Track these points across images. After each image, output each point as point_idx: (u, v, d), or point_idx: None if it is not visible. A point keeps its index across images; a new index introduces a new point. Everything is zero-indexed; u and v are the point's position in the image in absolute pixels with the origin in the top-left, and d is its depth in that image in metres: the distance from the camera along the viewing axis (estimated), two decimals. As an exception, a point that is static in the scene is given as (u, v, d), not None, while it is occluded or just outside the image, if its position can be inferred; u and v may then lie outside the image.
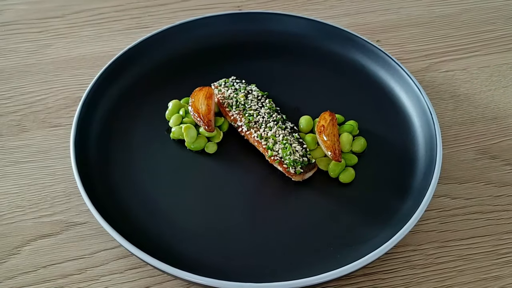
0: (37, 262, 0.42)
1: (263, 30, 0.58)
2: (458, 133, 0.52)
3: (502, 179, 0.49)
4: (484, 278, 0.42)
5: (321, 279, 0.38)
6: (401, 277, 0.42)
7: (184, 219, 0.43)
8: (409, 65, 0.59)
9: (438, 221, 0.45)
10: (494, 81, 0.58)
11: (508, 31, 0.64)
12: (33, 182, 0.47)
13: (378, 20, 0.65)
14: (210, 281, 0.38)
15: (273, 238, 0.42)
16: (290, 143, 0.46)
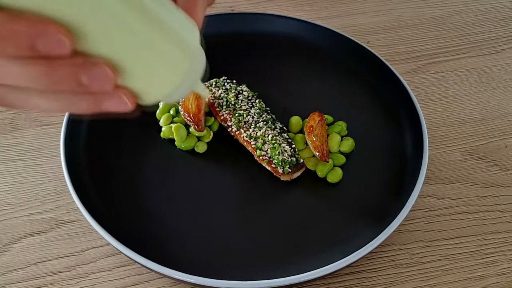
0: (27, 260, 0.43)
1: (255, 30, 0.59)
2: (446, 134, 0.53)
3: (488, 180, 0.49)
4: (468, 278, 0.43)
5: (307, 277, 0.38)
6: (386, 276, 0.42)
7: (173, 217, 0.44)
8: (399, 67, 0.59)
9: (424, 221, 0.46)
10: (483, 82, 0.59)
11: (497, 33, 0.65)
12: (24, 180, 0.48)
13: (369, 21, 0.65)
14: (197, 279, 0.38)
15: (260, 237, 0.43)
16: (279, 143, 0.47)
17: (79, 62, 0.24)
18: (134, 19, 0.25)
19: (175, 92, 0.30)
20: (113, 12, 0.24)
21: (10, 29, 0.22)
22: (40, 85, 0.25)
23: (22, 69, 0.24)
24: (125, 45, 0.25)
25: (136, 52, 0.26)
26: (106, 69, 0.25)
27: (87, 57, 0.25)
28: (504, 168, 0.50)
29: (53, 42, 0.23)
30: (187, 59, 0.29)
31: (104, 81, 0.25)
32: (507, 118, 0.55)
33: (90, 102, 0.26)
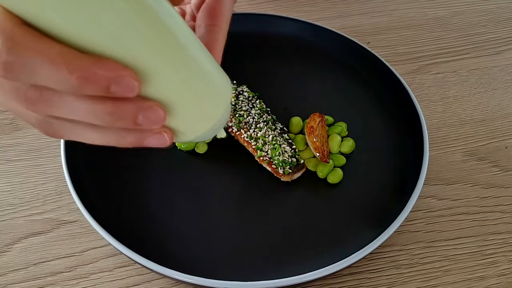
0: (28, 260, 0.43)
1: (255, 31, 0.59)
2: (446, 135, 0.53)
3: (489, 181, 0.49)
4: (469, 278, 0.43)
5: (307, 278, 0.38)
6: (387, 277, 0.42)
7: (173, 218, 0.44)
8: (400, 67, 0.59)
9: (424, 222, 0.46)
10: (483, 83, 0.59)
11: (498, 34, 0.65)
12: (25, 180, 0.48)
13: (370, 22, 0.65)
14: (198, 280, 0.38)
15: (260, 237, 0.43)
16: (279, 144, 0.47)
17: (138, 103, 0.27)
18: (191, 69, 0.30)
19: (205, 135, 0.34)
20: (176, 63, 0.28)
21: (93, 72, 0.24)
22: (101, 121, 0.27)
23: (90, 106, 0.26)
24: (179, 91, 0.29)
25: (186, 97, 0.30)
26: (160, 112, 0.28)
27: (144, 99, 0.27)
28: (504, 169, 0.50)
29: (126, 86, 0.25)
30: (223, 107, 0.34)
31: (157, 122, 0.28)
32: (508, 119, 0.55)
33: (135, 137, 0.29)
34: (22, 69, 0.24)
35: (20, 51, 0.24)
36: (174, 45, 0.28)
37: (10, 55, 0.24)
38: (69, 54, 0.24)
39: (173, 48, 0.28)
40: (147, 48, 0.26)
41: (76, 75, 0.24)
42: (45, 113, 0.27)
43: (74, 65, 0.24)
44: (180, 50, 0.29)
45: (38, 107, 0.27)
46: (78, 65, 0.24)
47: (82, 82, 0.24)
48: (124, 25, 0.25)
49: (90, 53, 0.25)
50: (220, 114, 0.34)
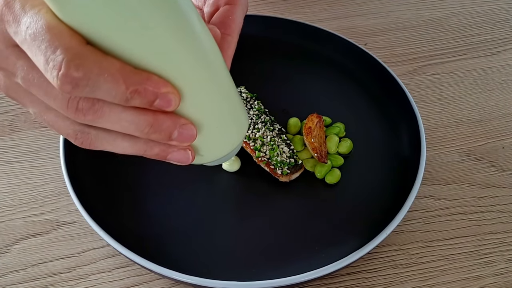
0: (27, 261, 0.43)
1: (253, 33, 0.59)
2: (443, 135, 0.53)
3: (486, 181, 0.49)
4: (466, 278, 0.43)
5: (305, 277, 0.39)
6: (384, 276, 0.43)
7: (172, 218, 0.44)
8: (396, 68, 0.59)
9: (422, 222, 0.46)
10: (480, 84, 0.59)
11: (494, 35, 0.65)
12: (24, 182, 0.48)
13: (367, 23, 0.66)
14: (197, 280, 0.38)
15: (259, 238, 0.43)
16: (277, 145, 0.47)
17: (176, 119, 0.29)
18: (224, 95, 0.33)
19: (220, 160, 0.37)
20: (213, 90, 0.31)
21: (144, 87, 0.27)
22: (140, 132, 0.29)
23: (133, 117, 0.28)
24: (210, 114, 0.32)
25: (215, 121, 0.33)
26: (194, 130, 0.31)
27: (180, 117, 0.30)
28: (501, 169, 0.50)
29: (168, 101, 0.28)
30: (241, 135, 0.37)
31: (188, 140, 0.31)
32: (504, 119, 0.55)
33: (161, 150, 0.32)
34: (87, 84, 0.26)
35: (87, 68, 0.25)
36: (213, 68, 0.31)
37: (78, 72, 0.25)
38: (126, 70, 0.26)
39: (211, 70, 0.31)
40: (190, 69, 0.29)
41: (131, 89, 0.26)
42: (91, 122, 0.29)
43: (130, 80, 0.26)
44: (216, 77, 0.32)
45: (87, 117, 0.28)
46: (134, 81, 0.26)
47: (134, 96, 0.27)
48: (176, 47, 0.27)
49: (142, 69, 0.27)
50: (238, 141, 0.37)
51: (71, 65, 0.25)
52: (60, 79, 0.25)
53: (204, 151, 0.34)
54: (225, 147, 0.36)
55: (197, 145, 0.34)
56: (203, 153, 0.35)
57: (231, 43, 0.39)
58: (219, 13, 0.41)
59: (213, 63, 0.31)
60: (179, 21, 0.27)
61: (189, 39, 0.28)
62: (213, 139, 0.34)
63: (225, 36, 0.39)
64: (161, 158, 0.32)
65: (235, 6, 0.41)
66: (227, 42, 0.39)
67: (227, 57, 0.39)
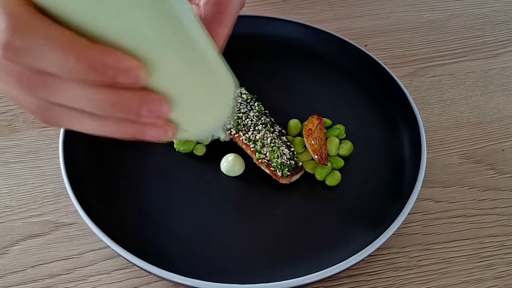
0: (26, 262, 0.43)
1: (253, 34, 0.59)
2: (443, 138, 0.53)
3: (485, 183, 0.49)
4: (466, 281, 0.43)
5: (305, 280, 0.39)
6: (385, 279, 0.43)
7: (172, 220, 0.44)
8: (397, 70, 0.59)
9: (421, 224, 0.46)
10: (480, 86, 0.59)
11: (494, 37, 0.65)
12: (23, 182, 0.48)
13: (367, 25, 0.66)
14: (196, 282, 0.38)
15: (259, 240, 0.43)
16: (277, 146, 0.47)
17: (143, 96, 0.27)
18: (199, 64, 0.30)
19: (207, 133, 0.34)
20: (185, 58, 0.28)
21: (101, 61, 0.25)
22: (103, 110, 0.27)
23: (93, 94, 0.26)
24: (185, 86, 0.29)
25: (192, 93, 0.30)
26: (165, 106, 0.28)
27: (150, 92, 0.27)
28: (501, 172, 0.50)
29: (133, 76, 0.25)
30: (227, 105, 0.34)
31: (160, 116, 0.28)
32: (504, 121, 0.55)
33: (136, 129, 0.29)
34: (29, 53, 0.25)
35: (28, 34, 0.24)
36: (184, 40, 0.28)
37: (16, 37, 0.24)
38: (79, 42, 0.24)
39: (183, 42, 0.28)
40: (158, 40, 0.26)
41: (84, 63, 0.24)
42: (47, 99, 0.27)
43: (83, 53, 0.24)
44: (189, 45, 0.29)
45: (41, 92, 0.27)
46: (87, 54, 0.24)
47: (89, 71, 0.25)
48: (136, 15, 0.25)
49: (100, 42, 0.25)
50: (223, 112, 0.34)
51: (15, 32, 0.24)
52: (2, 46, 0.24)
53: (187, 125, 0.32)
54: (212, 119, 0.33)
55: (178, 120, 0.31)
56: (187, 127, 0.32)
57: (223, 21, 0.38)
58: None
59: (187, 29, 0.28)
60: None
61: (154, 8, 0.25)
62: (195, 112, 0.32)
63: (217, 15, 0.37)
64: (138, 137, 0.29)
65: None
66: (219, 19, 0.37)
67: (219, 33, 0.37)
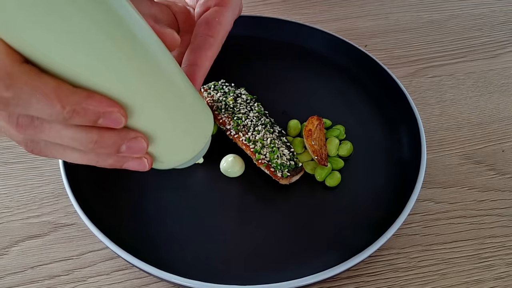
0: (25, 263, 0.42)
1: (253, 34, 0.59)
2: (443, 138, 0.53)
3: (485, 184, 0.49)
4: (466, 282, 0.43)
5: (306, 281, 0.38)
6: (385, 280, 0.42)
7: (171, 221, 0.44)
8: (396, 70, 0.59)
9: (421, 225, 0.46)
10: (480, 87, 0.59)
11: (494, 37, 0.65)
12: (22, 183, 0.48)
13: (367, 25, 0.66)
14: (196, 283, 0.38)
15: (259, 241, 0.43)
16: (277, 147, 0.47)
17: (122, 134, 0.29)
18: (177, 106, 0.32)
19: (183, 165, 0.37)
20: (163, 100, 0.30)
21: (83, 107, 0.26)
22: (84, 147, 0.29)
23: (75, 134, 0.28)
24: (163, 125, 0.31)
25: (170, 131, 0.32)
26: (143, 143, 0.30)
27: (129, 130, 0.30)
28: (501, 172, 0.50)
29: (113, 119, 0.27)
30: (203, 142, 0.36)
31: (138, 152, 0.30)
32: (504, 122, 0.55)
33: (115, 161, 0.31)
34: (18, 103, 0.26)
35: (18, 88, 0.26)
36: (163, 81, 0.31)
37: (8, 91, 0.26)
38: (62, 90, 0.26)
39: (161, 84, 0.30)
40: (137, 84, 0.28)
41: (68, 109, 0.26)
42: (33, 137, 0.29)
43: (67, 100, 0.26)
44: (168, 87, 0.31)
45: (27, 131, 0.28)
46: (71, 100, 0.26)
47: (72, 115, 0.26)
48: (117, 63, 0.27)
49: (82, 87, 0.27)
50: (199, 148, 0.36)
51: (1, 85, 0.25)
52: None
53: (163, 158, 0.34)
54: (186, 153, 0.36)
55: (155, 153, 0.33)
56: (163, 159, 0.34)
57: (212, 45, 0.39)
58: (207, 14, 0.40)
59: (164, 75, 0.30)
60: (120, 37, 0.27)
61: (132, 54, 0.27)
62: (171, 147, 0.34)
63: (207, 38, 0.39)
64: (116, 167, 0.32)
65: (224, 8, 0.41)
66: (209, 43, 0.38)
67: (206, 57, 0.38)
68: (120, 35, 0.27)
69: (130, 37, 0.27)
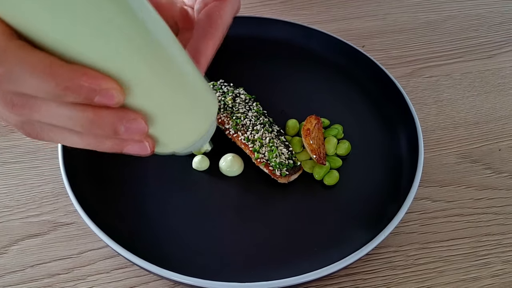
0: (25, 262, 0.43)
1: (251, 34, 0.59)
2: (440, 137, 0.54)
3: (482, 183, 0.50)
4: (463, 279, 0.43)
5: (303, 279, 0.39)
6: (382, 278, 0.43)
7: (171, 219, 0.44)
8: (394, 71, 0.60)
9: (419, 223, 0.46)
10: (476, 86, 0.59)
11: (490, 38, 0.65)
12: (22, 182, 0.48)
13: (364, 26, 0.66)
14: (195, 281, 0.38)
15: (257, 239, 0.43)
16: (276, 146, 0.47)
17: (120, 114, 0.28)
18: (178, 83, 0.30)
19: (188, 148, 0.35)
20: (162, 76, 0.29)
21: (77, 83, 0.25)
22: (81, 128, 0.28)
23: (71, 113, 0.27)
24: (164, 104, 0.30)
25: (171, 111, 0.30)
26: (143, 124, 0.29)
27: (127, 110, 0.28)
28: (497, 171, 0.51)
29: (109, 97, 0.26)
30: (208, 122, 0.34)
31: (137, 133, 0.29)
32: (501, 121, 0.55)
33: (114, 144, 0.30)
34: (11, 79, 0.25)
35: (10, 63, 0.25)
36: (162, 58, 0.29)
37: (1, 67, 0.25)
38: (56, 66, 0.25)
39: (160, 61, 0.29)
40: (135, 59, 0.27)
41: (61, 86, 0.25)
42: (28, 118, 0.28)
43: (61, 76, 0.25)
44: (167, 63, 0.29)
45: (22, 112, 0.28)
46: (65, 76, 0.25)
47: (67, 92, 0.25)
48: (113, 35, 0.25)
49: (77, 62, 0.25)
50: (204, 129, 0.35)
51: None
52: None
53: (166, 140, 0.32)
54: (190, 135, 0.34)
55: (157, 135, 0.31)
56: (167, 142, 0.32)
57: (214, 35, 0.39)
58: (207, 9, 0.41)
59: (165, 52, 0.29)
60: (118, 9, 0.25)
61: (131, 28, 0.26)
62: (175, 128, 0.32)
63: (208, 29, 0.39)
64: (116, 151, 0.31)
65: (224, 3, 0.41)
66: (210, 33, 0.38)
67: (208, 45, 0.38)
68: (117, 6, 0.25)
69: (128, 9, 0.26)
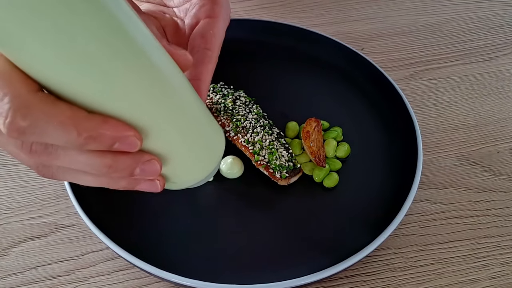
0: (26, 264, 0.43)
1: (251, 37, 0.60)
2: (439, 140, 0.54)
3: (481, 185, 0.50)
4: (462, 281, 0.43)
5: (303, 281, 0.39)
6: (382, 280, 0.43)
7: (172, 221, 0.44)
8: (393, 73, 0.60)
9: (418, 225, 0.47)
10: (475, 89, 0.60)
11: (490, 41, 0.66)
12: (23, 185, 0.48)
13: (364, 28, 0.66)
14: (196, 283, 0.38)
15: (257, 241, 0.43)
16: (276, 148, 0.47)
17: (137, 157, 0.29)
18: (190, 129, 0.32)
19: (195, 185, 0.37)
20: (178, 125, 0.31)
21: (99, 132, 0.26)
22: (98, 172, 0.29)
23: (89, 160, 0.28)
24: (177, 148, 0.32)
25: (183, 154, 0.33)
26: (157, 165, 0.30)
27: (143, 152, 0.30)
28: (496, 174, 0.51)
29: (129, 144, 0.27)
30: (215, 162, 0.37)
31: (152, 175, 0.30)
32: (500, 124, 0.56)
33: (128, 183, 0.31)
34: (34, 132, 0.26)
35: (34, 117, 0.25)
36: (179, 106, 0.31)
37: (25, 121, 0.25)
38: (78, 116, 0.26)
39: (177, 108, 0.30)
40: (154, 108, 0.28)
41: (84, 135, 0.26)
42: (47, 163, 0.29)
43: (83, 126, 0.26)
44: (183, 110, 0.31)
45: (41, 158, 0.28)
46: (87, 127, 0.26)
47: (89, 141, 0.26)
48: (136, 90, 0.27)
49: (97, 112, 0.26)
50: (212, 168, 0.37)
51: (17, 114, 0.25)
52: (7, 127, 0.25)
53: (176, 178, 0.34)
54: (199, 173, 0.36)
55: (168, 174, 0.33)
56: (176, 180, 0.34)
57: (211, 58, 0.39)
58: (200, 27, 0.41)
59: (178, 97, 0.30)
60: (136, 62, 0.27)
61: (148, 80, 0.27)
62: (185, 168, 0.34)
63: (205, 51, 0.39)
64: (128, 189, 0.32)
65: (216, 20, 0.41)
66: (208, 57, 0.39)
67: (207, 71, 0.38)
68: (136, 60, 0.27)
69: (146, 62, 0.27)
